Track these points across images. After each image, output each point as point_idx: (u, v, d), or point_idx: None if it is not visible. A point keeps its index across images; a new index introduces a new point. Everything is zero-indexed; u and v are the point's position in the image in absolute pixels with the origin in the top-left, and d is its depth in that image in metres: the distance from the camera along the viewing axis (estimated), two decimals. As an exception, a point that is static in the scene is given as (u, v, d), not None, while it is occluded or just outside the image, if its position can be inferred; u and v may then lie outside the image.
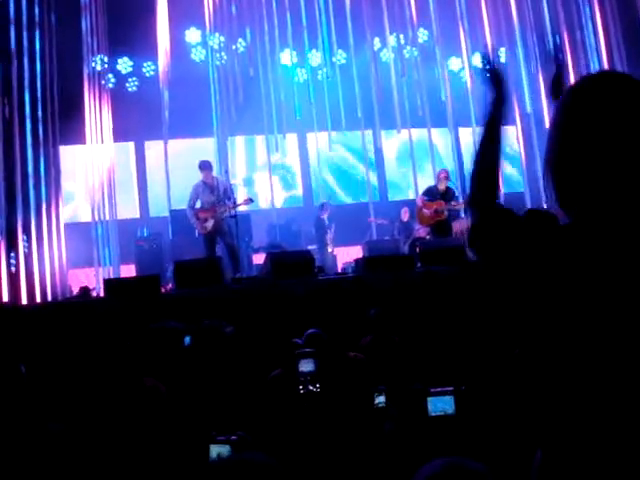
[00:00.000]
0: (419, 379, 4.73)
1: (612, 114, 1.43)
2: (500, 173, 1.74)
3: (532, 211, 1.54)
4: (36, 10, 10.26)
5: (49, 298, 9.80)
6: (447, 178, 10.94)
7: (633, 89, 1.46)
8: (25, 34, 9.90)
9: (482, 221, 1.63)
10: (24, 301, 9.09)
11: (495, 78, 1.83)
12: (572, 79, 13.44)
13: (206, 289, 7.28)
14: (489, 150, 1.73)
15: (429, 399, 3.60)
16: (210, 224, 9.86)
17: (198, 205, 10.12)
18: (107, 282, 7.80)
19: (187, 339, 4.15)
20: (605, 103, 1.45)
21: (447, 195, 10.80)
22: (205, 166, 10.10)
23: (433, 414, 3.56)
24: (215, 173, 10.49)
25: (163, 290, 8.55)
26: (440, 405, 3.54)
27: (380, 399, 3.88)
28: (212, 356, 3.97)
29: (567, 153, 1.48)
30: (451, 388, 3.65)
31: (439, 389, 3.62)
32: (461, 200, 11.62)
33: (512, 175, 15.21)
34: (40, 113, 10.22)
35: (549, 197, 1.56)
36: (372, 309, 6.11)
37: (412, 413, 3.66)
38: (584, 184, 1.44)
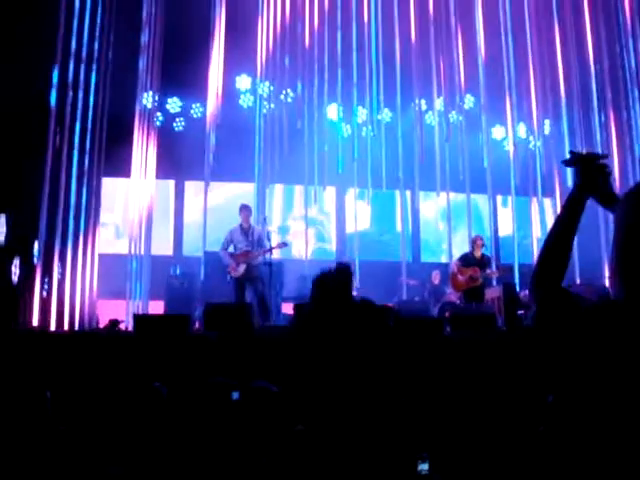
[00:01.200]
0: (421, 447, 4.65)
1: None
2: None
3: (597, 306, 1.54)
4: (95, 46, 10.55)
5: (76, 326, 9.86)
6: (483, 245, 10.91)
7: None
8: (83, 67, 10.16)
9: (546, 303, 1.64)
10: (53, 327, 9.15)
11: (584, 165, 1.82)
12: (616, 159, 13.43)
13: (234, 334, 7.27)
14: (565, 233, 1.75)
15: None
16: (242, 269, 9.93)
17: (231, 249, 10.21)
18: (137, 317, 7.81)
19: (235, 394, 4.12)
20: None
21: (482, 262, 10.75)
22: (245, 209, 10.23)
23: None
24: (252, 219, 10.60)
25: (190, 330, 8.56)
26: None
27: (423, 466, 3.81)
28: (259, 413, 3.94)
29: (632, 252, 1.50)
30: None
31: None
32: (495, 268, 11.57)
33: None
34: (88, 144, 10.43)
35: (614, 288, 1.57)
36: None
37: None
38: None
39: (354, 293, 11.97)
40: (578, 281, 13.44)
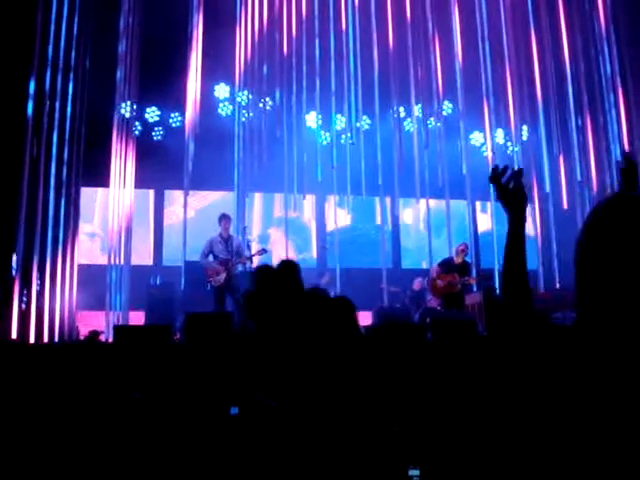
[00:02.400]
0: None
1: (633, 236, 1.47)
2: (528, 286, 1.78)
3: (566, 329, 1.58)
4: (73, 55, 10.48)
5: (56, 338, 9.76)
6: (465, 252, 10.97)
7: None
8: (60, 77, 10.09)
9: (521, 331, 1.69)
10: (32, 339, 9.05)
11: (507, 195, 1.87)
12: (593, 163, 13.56)
13: (216, 344, 7.24)
14: (514, 270, 1.78)
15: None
16: (222, 278, 9.91)
17: (210, 258, 10.20)
18: (117, 328, 7.75)
19: (235, 409, 4.09)
20: (627, 225, 1.48)
21: (462, 269, 10.80)
22: (225, 218, 10.23)
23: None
24: (232, 228, 10.59)
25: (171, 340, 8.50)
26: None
27: (414, 472, 3.81)
28: (258, 428, 3.92)
29: (590, 267, 1.53)
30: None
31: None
32: (474, 275, 11.62)
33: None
34: (66, 154, 10.34)
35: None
36: None
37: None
38: (604, 296, 1.48)
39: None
40: (558, 286, 13.55)
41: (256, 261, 10.48)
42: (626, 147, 13.06)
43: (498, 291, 12.26)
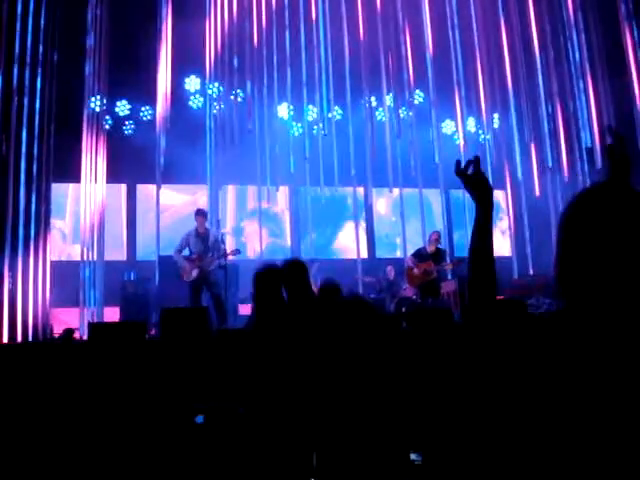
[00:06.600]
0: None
1: (613, 226, 1.48)
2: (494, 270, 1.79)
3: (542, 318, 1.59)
4: (40, 49, 10.34)
5: (30, 337, 9.66)
6: (437, 240, 11.04)
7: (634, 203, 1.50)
8: (27, 72, 9.96)
9: (485, 320, 1.70)
10: (5, 339, 8.95)
11: (470, 182, 1.91)
12: (564, 149, 13.68)
13: (192, 339, 7.20)
14: (481, 251, 1.81)
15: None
16: (195, 273, 9.87)
17: (186, 253, 10.15)
18: (92, 326, 7.68)
19: (200, 418, 4.08)
20: (607, 214, 1.50)
21: (437, 256, 10.88)
22: (201, 214, 10.19)
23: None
24: (207, 223, 10.55)
25: (147, 336, 8.45)
26: None
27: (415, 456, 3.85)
28: (225, 435, 3.90)
29: (569, 255, 1.54)
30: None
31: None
32: (449, 261, 11.68)
33: (499, 240, 15.32)
34: (36, 150, 10.21)
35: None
36: None
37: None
38: (583, 284, 1.48)
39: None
40: (531, 272, 13.68)
41: (230, 259, 10.43)
42: (596, 132, 13.18)
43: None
